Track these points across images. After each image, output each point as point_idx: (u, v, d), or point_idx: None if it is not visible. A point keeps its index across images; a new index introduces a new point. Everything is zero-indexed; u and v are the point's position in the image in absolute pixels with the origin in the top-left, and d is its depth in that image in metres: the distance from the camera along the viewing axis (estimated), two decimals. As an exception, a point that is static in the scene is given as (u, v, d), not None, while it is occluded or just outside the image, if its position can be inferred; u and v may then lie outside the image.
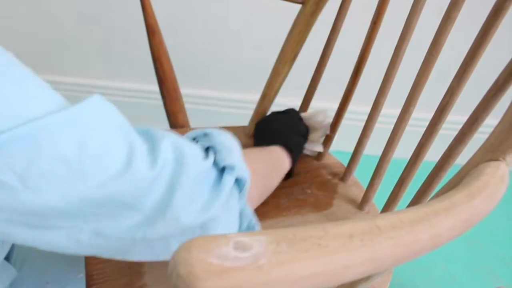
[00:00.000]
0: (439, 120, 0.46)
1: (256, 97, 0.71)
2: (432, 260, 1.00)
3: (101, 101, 0.30)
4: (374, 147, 0.73)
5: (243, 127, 0.72)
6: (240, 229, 0.40)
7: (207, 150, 0.38)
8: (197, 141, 0.39)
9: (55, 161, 0.26)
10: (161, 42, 0.65)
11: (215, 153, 0.37)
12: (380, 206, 0.61)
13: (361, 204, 0.61)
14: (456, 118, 0.60)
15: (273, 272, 0.18)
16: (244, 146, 0.68)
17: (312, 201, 0.62)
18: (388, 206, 0.56)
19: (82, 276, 0.51)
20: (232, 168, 0.36)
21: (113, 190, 0.28)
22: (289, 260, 0.19)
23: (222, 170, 0.37)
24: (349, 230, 0.21)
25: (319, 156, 0.69)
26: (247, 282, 0.18)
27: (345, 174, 0.65)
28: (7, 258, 0.52)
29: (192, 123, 0.73)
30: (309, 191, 0.63)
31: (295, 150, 0.59)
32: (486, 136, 0.33)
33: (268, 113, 0.69)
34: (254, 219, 0.41)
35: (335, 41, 0.62)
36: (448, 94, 0.44)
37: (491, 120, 0.37)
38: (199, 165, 0.34)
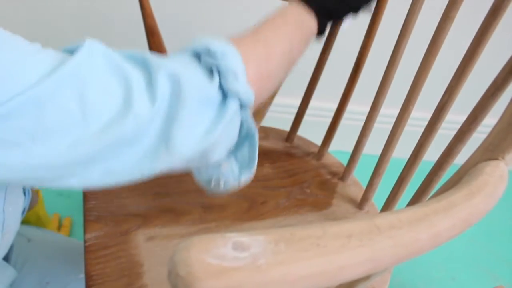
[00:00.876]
0: (438, 119, 0.46)
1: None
2: (432, 260, 1.00)
3: (92, 47, 0.30)
4: (373, 146, 0.73)
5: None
6: (238, 138, 0.39)
7: (211, 70, 0.36)
8: (199, 58, 0.37)
9: (60, 115, 0.28)
10: (160, 42, 0.65)
11: (219, 75, 0.35)
12: (379, 206, 0.61)
13: (361, 203, 0.61)
14: (455, 118, 0.60)
15: (271, 272, 0.18)
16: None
17: (312, 200, 0.62)
18: (387, 206, 0.56)
19: (82, 276, 0.51)
20: (236, 93, 0.35)
21: (116, 132, 0.30)
22: (288, 260, 0.19)
23: (226, 93, 0.35)
24: (348, 230, 0.21)
25: (318, 155, 0.69)
26: (246, 282, 0.18)
27: (344, 174, 0.65)
28: (7, 258, 0.52)
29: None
30: (308, 191, 0.63)
31: (327, 12, 0.48)
32: (485, 136, 0.33)
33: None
34: (253, 126, 0.40)
35: (334, 41, 0.62)
36: (447, 94, 0.44)
37: (490, 120, 0.37)
38: (201, 90, 0.34)
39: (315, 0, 0.47)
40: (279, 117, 0.84)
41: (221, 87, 0.35)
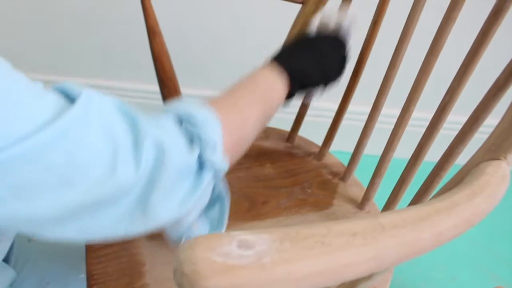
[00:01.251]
0: (439, 119, 0.46)
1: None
2: (433, 260, 1.00)
3: (89, 101, 0.30)
4: (374, 147, 0.73)
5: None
6: (210, 199, 0.41)
7: (191, 137, 0.37)
8: (181, 123, 0.37)
9: (46, 172, 0.27)
10: (162, 43, 0.65)
11: (200, 145, 0.36)
12: (380, 206, 0.61)
13: (362, 203, 0.61)
14: (456, 118, 0.60)
15: (276, 270, 0.18)
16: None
17: (313, 200, 0.62)
18: (388, 206, 0.56)
19: (83, 276, 0.51)
20: (213, 165, 0.36)
21: (98, 194, 0.29)
22: (293, 258, 0.19)
23: (203, 163, 0.36)
24: (352, 228, 0.21)
25: (319, 155, 0.69)
26: (251, 280, 0.18)
27: (345, 174, 0.65)
28: (7, 260, 0.52)
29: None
30: (309, 191, 0.63)
31: (299, 78, 0.48)
32: (486, 136, 0.33)
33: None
34: (224, 190, 0.42)
35: (335, 41, 0.62)
36: (449, 94, 0.44)
37: (492, 120, 0.37)
38: (182, 161, 0.34)
39: (290, 63, 0.47)
40: (280, 117, 0.84)
41: (199, 157, 0.36)
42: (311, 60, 0.49)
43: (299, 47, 0.51)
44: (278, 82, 0.46)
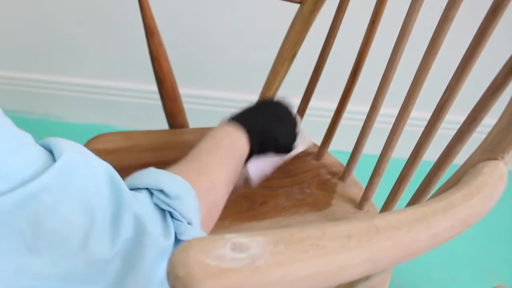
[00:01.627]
0: (437, 118, 0.46)
1: (256, 97, 0.71)
2: (433, 260, 1.00)
3: (69, 164, 0.27)
4: (373, 147, 0.73)
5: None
6: None
7: (165, 212, 0.35)
8: (151, 194, 0.34)
9: (11, 236, 0.25)
10: (159, 43, 0.65)
11: (172, 220, 0.34)
12: (379, 206, 0.61)
13: (360, 203, 0.61)
14: (455, 118, 0.60)
15: (270, 273, 0.18)
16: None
17: (311, 200, 0.62)
18: (387, 206, 0.56)
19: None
20: (187, 235, 0.34)
21: (68, 267, 0.27)
22: (287, 261, 0.19)
23: (179, 240, 0.34)
24: (347, 230, 0.21)
25: (318, 155, 0.69)
26: (245, 283, 0.18)
27: (344, 174, 0.65)
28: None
29: (192, 123, 0.73)
30: (308, 191, 0.63)
31: (257, 135, 0.50)
32: (484, 136, 0.33)
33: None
34: None
35: (333, 41, 0.62)
36: (447, 93, 0.44)
37: (491, 120, 0.37)
38: (161, 242, 0.32)
39: (248, 121, 0.49)
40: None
41: (175, 237, 0.34)
42: (269, 120, 0.52)
43: (258, 109, 0.53)
44: (240, 138, 0.48)
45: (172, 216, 0.34)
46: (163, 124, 0.71)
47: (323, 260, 0.19)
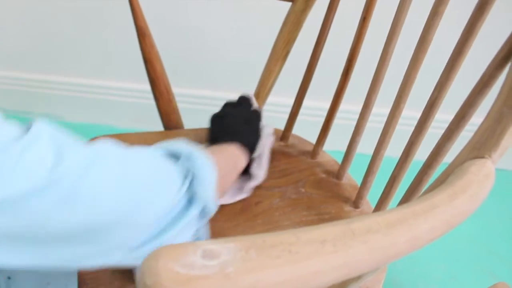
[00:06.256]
0: (428, 116, 0.45)
1: (249, 96, 0.70)
2: (432, 260, 0.99)
3: (40, 129, 0.30)
4: (369, 146, 0.73)
5: (237, 127, 0.72)
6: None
7: (185, 173, 0.38)
8: (177, 158, 0.39)
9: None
10: (151, 44, 0.65)
11: (192, 181, 0.37)
12: (374, 204, 0.60)
13: (355, 202, 0.61)
14: (445, 117, 0.60)
15: (240, 280, 0.18)
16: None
17: (306, 200, 0.61)
18: (381, 204, 0.56)
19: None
20: (205, 200, 0.38)
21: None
22: (257, 268, 0.19)
23: (192, 198, 0.38)
24: (321, 235, 0.21)
25: (313, 154, 0.68)
26: (214, 291, 0.18)
27: (339, 172, 0.65)
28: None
29: (188, 123, 0.72)
30: (303, 190, 0.63)
31: (250, 147, 0.56)
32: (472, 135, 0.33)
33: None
34: (205, 235, 0.44)
35: (325, 39, 0.61)
36: (437, 90, 0.44)
37: (479, 119, 0.37)
38: (169, 198, 0.35)
39: (242, 138, 0.55)
40: (273, 117, 0.84)
41: (189, 191, 0.37)
42: (248, 129, 0.58)
43: (238, 115, 0.59)
44: (238, 149, 0.54)
45: (190, 175, 0.38)
46: (161, 124, 0.71)
47: (296, 266, 0.19)
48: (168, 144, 0.40)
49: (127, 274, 0.49)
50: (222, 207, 0.58)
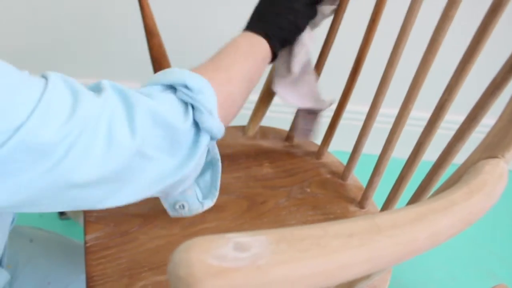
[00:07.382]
0: (437, 117, 0.46)
1: (256, 96, 0.71)
2: (433, 260, 1.00)
3: (55, 79, 0.31)
4: (373, 146, 0.73)
5: (242, 127, 0.72)
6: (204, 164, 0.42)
7: (186, 104, 0.38)
8: (175, 90, 0.38)
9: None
10: (160, 44, 0.65)
11: (194, 111, 0.37)
12: (379, 205, 0.61)
13: (361, 202, 0.61)
14: (455, 118, 0.60)
15: (272, 272, 0.18)
16: (243, 146, 0.69)
17: (311, 200, 0.62)
18: (387, 205, 0.56)
19: (84, 277, 0.51)
20: (210, 130, 0.38)
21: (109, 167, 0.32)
22: (288, 260, 0.19)
23: (199, 129, 0.38)
24: (348, 229, 0.21)
25: (318, 154, 0.69)
26: (246, 283, 0.18)
27: (344, 173, 0.65)
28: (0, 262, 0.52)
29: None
30: (308, 190, 0.63)
31: (275, 34, 0.50)
32: (484, 136, 0.33)
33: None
34: (217, 155, 0.44)
35: (333, 41, 0.62)
36: (447, 92, 0.44)
37: (490, 120, 0.37)
38: (177, 128, 0.36)
39: (262, 26, 0.49)
40: (279, 117, 0.84)
41: (194, 122, 0.37)
42: (281, 15, 0.51)
43: (267, 8, 0.52)
44: (259, 41, 0.48)
45: (193, 108, 0.37)
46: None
47: (325, 259, 0.19)
48: (161, 76, 0.39)
49: (134, 271, 0.49)
50: (228, 205, 0.59)
